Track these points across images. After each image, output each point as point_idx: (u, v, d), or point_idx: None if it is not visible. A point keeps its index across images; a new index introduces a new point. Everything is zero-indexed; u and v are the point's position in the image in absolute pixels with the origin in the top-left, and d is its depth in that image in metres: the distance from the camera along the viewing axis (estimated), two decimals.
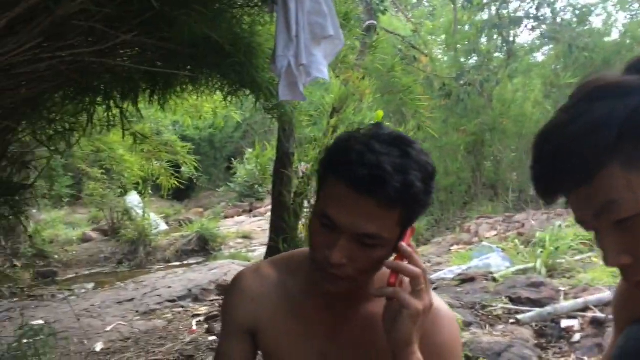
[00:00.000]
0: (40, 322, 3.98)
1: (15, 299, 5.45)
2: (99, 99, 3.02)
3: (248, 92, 3.47)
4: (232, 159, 13.78)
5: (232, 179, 13.59)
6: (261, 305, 1.09)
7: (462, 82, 9.07)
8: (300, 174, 5.44)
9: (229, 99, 3.70)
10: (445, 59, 11.70)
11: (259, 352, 1.14)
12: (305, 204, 5.20)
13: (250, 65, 2.92)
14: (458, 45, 10.99)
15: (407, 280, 0.94)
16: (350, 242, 0.89)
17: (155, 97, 3.20)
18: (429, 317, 0.94)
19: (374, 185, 0.84)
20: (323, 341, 1.05)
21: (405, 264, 0.92)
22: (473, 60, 10.89)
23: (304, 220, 5.17)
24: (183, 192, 12.82)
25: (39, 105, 2.91)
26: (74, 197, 9.19)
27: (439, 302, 1.06)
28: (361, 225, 0.87)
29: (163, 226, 9.12)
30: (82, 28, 1.89)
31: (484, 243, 5.61)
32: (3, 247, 6.33)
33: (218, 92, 3.99)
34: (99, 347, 3.77)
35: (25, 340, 3.19)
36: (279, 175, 4.98)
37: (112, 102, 3.00)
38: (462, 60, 10.85)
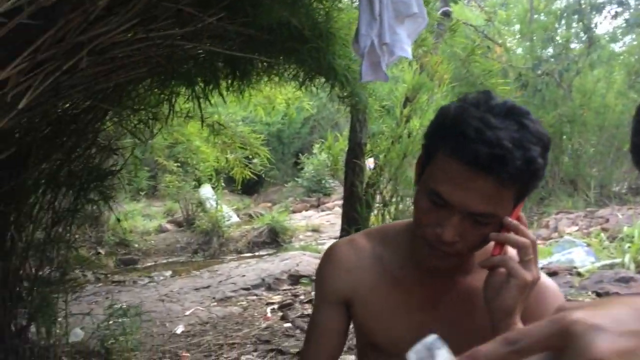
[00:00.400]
0: (124, 305, 4.17)
1: (100, 284, 5.76)
2: (181, 87, 3.13)
3: (323, 80, 3.48)
4: (300, 154, 13.91)
5: (300, 174, 13.71)
6: (357, 277, 1.08)
7: (539, 72, 8.70)
8: (369, 168, 5.40)
9: (302, 88, 3.73)
10: (520, 50, 11.28)
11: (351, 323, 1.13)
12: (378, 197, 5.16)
13: (328, 51, 2.92)
14: (534, 35, 10.57)
15: (512, 252, 0.90)
16: (463, 220, 0.86)
17: (234, 86, 3.27)
18: (533, 291, 0.90)
19: (494, 163, 0.79)
20: (422, 313, 1.03)
21: (511, 235, 0.88)
22: (549, 50, 10.44)
23: (375, 211, 5.13)
24: (252, 187, 13.09)
25: (125, 95, 3.04)
26: (151, 189, 9.61)
27: (545, 277, 1.02)
28: (477, 205, 0.83)
29: (235, 218, 9.33)
30: (171, 11, 1.94)
31: (567, 237, 5.35)
32: (89, 236, 6.70)
33: (291, 83, 4.03)
34: (179, 329, 3.91)
35: (111, 321, 3.35)
36: (351, 165, 4.95)
37: (194, 90, 3.09)
38: (538, 50, 10.42)
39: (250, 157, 5.78)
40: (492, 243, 0.91)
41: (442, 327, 1.01)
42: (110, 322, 3.32)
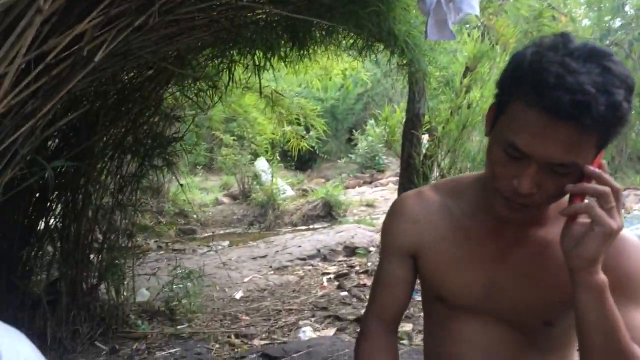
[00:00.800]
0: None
1: (161, 252, 5.97)
2: (240, 56, 3.15)
3: (382, 47, 3.43)
4: (353, 131, 13.83)
5: (353, 150, 13.65)
6: (424, 229, 1.06)
7: (607, 42, 8.25)
8: (424, 142, 5.29)
9: (360, 57, 3.68)
10: (586, 21, 10.72)
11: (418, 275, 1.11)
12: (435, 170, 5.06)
13: (388, 15, 2.86)
14: (602, 4, 10.01)
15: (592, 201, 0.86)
16: (540, 171, 0.82)
17: (292, 55, 3.26)
18: (613, 243, 0.85)
19: (576, 110, 0.74)
20: (491, 265, 1.00)
21: (590, 184, 0.83)
22: (618, 20, 9.88)
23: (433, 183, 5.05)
24: (306, 163, 13.17)
25: (186, 64, 3.09)
26: (208, 163, 9.83)
27: (625, 230, 0.96)
28: (557, 155, 0.79)
29: (290, 192, 9.42)
30: None
31: (635, 213, 5.12)
32: (150, 206, 6.94)
33: (348, 53, 3.98)
34: (238, 295, 4.01)
35: (174, 285, 3.47)
36: (409, 137, 4.87)
37: (253, 57, 3.11)
38: (607, 20, 9.88)
39: (309, 125, 5.79)
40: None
41: (512, 280, 0.99)
42: (174, 285, 3.45)
